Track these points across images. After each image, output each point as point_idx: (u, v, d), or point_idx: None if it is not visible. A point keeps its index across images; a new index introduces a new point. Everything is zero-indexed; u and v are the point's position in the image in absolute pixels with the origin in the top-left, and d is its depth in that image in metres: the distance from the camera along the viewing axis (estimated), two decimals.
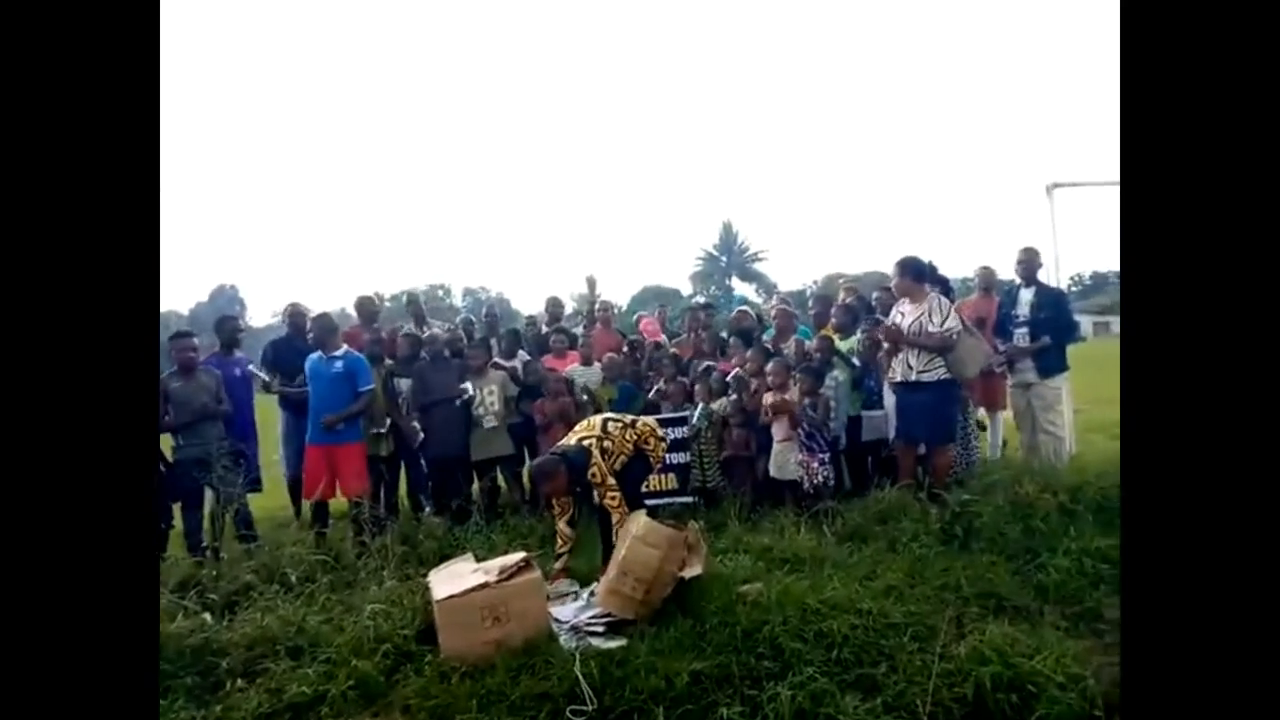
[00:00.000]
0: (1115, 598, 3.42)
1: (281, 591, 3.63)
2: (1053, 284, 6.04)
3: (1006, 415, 6.12)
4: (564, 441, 4.12)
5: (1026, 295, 5.56)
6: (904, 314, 4.82)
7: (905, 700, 2.75)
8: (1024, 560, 3.85)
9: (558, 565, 4.02)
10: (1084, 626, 3.35)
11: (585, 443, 3.97)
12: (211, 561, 4.15)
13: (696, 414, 5.32)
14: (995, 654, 2.93)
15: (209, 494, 4.75)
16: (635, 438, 4.17)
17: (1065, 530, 3.98)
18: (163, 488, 4.65)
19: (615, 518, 3.87)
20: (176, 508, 4.73)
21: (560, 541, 4.10)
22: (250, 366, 5.70)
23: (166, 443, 4.88)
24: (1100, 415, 7.81)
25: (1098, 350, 12.83)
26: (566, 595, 3.74)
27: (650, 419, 4.65)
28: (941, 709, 2.74)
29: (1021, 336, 5.49)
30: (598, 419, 4.24)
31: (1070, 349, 5.71)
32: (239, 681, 2.83)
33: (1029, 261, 5.60)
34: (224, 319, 6.00)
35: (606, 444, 4.02)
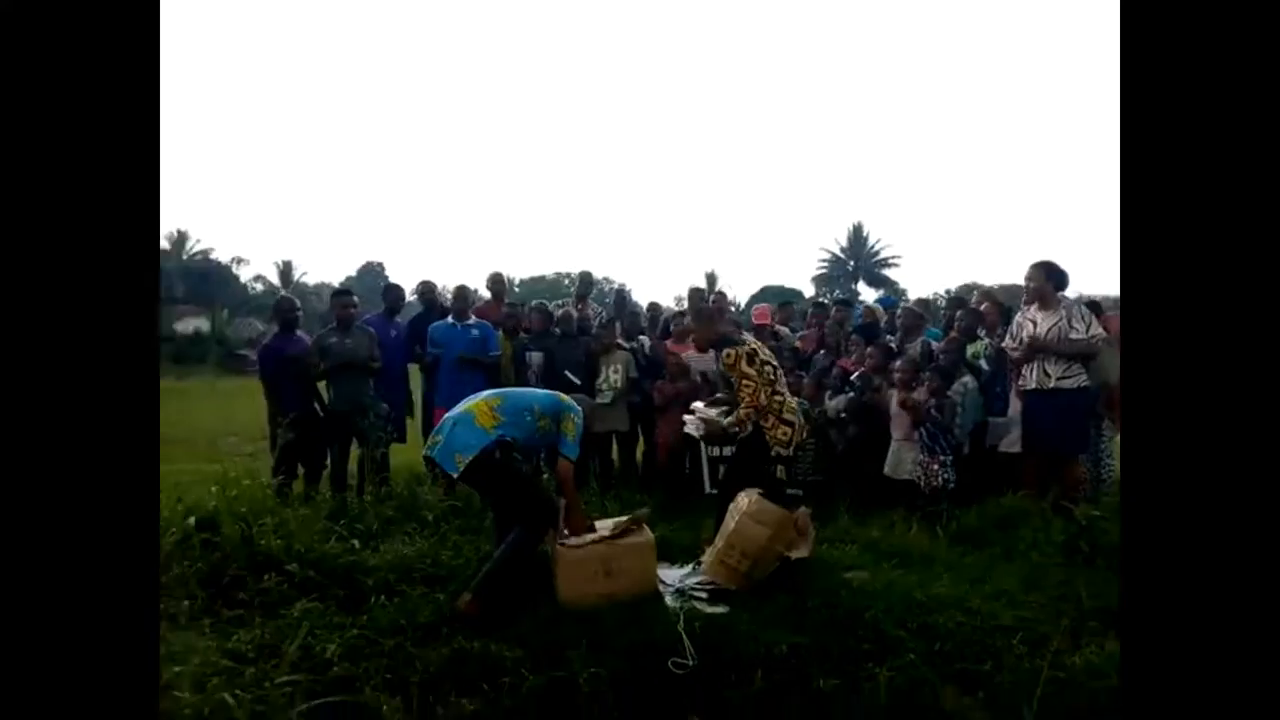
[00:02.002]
0: None
1: (418, 529, 4.02)
2: None
3: None
4: None
5: None
6: (1036, 320, 4.63)
7: (1009, 701, 2.70)
8: None
9: None
10: None
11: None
12: (356, 499, 4.63)
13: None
14: (1113, 670, 2.82)
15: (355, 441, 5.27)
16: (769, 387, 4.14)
17: None
18: (318, 429, 5.23)
19: (741, 414, 3.96)
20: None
21: None
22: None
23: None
24: None
25: None
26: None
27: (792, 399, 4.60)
28: (1048, 717, 2.68)
29: None
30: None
31: None
32: (381, 598, 3.18)
33: None
34: (390, 287, 6.58)
35: (758, 360, 4.06)
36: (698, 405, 4.73)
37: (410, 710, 2.44)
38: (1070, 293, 5.15)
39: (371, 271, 60.70)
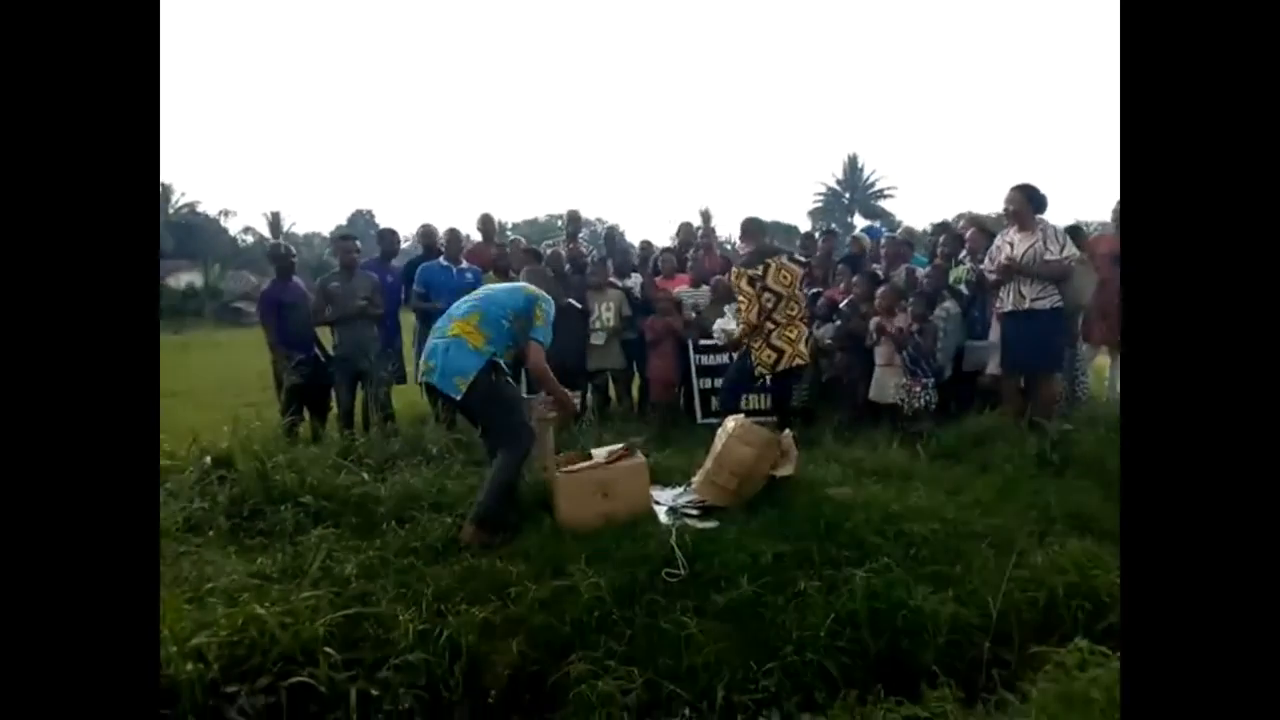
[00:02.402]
0: None
1: (423, 462, 4.22)
2: None
3: None
4: None
5: None
6: (1013, 243, 4.74)
7: (977, 598, 2.92)
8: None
9: None
10: None
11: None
12: (365, 435, 4.83)
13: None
14: (1073, 566, 3.04)
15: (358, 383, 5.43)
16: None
17: None
18: (325, 373, 5.40)
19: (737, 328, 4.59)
20: (332, 394, 5.50)
21: None
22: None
23: (326, 336, 5.62)
24: None
25: None
26: None
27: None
28: (1013, 609, 2.91)
29: None
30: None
31: None
32: (392, 523, 3.40)
33: None
34: (385, 231, 6.65)
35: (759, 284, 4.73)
36: (725, 315, 5.29)
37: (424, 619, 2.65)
38: (1065, 219, 5.26)
39: (362, 219, 59.96)
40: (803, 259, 5.27)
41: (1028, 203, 4.75)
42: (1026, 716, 2.26)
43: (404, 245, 6.97)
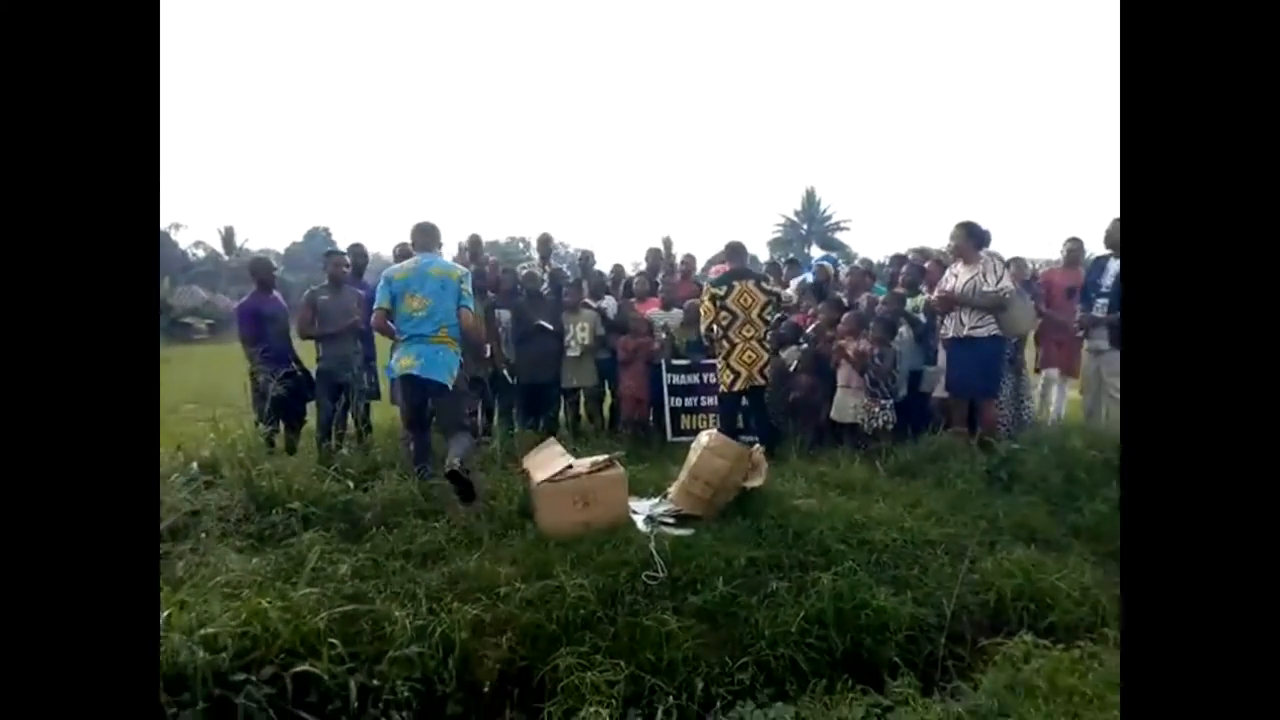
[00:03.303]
0: None
1: (404, 474, 4.32)
2: None
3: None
4: None
5: (1113, 266, 5.68)
6: (958, 275, 5.11)
7: (932, 599, 3.17)
8: (1062, 504, 4.15)
9: None
10: (1111, 563, 3.61)
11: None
12: (351, 445, 4.90)
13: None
14: (1020, 570, 3.32)
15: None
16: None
17: (1107, 481, 4.24)
18: (302, 385, 5.46)
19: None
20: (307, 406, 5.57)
21: None
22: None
23: (308, 348, 5.69)
24: None
25: None
26: None
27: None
28: (965, 609, 3.16)
29: (1101, 307, 5.64)
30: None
31: None
32: (380, 529, 3.50)
33: (1116, 234, 5.71)
34: (355, 246, 6.73)
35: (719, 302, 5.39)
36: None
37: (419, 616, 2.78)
38: (1023, 254, 5.71)
39: (318, 236, 58.98)
40: (770, 288, 5.56)
41: (968, 238, 5.14)
42: (978, 703, 2.51)
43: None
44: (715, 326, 5.40)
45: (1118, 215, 5.75)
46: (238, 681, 2.30)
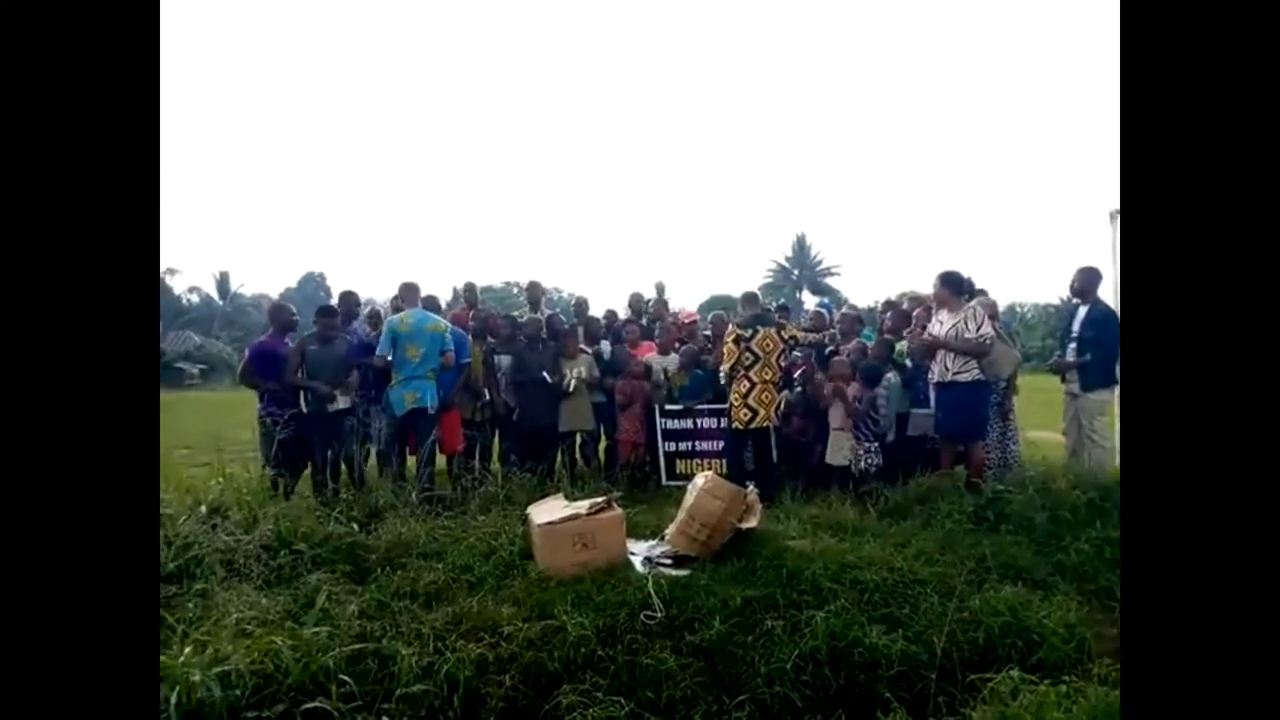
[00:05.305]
0: None
1: (406, 514, 4.41)
2: (1112, 305, 6.34)
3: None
4: None
5: (1081, 312, 5.92)
6: (942, 322, 5.34)
7: (923, 637, 3.26)
8: (1048, 543, 4.27)
9: None
10: (1096, 601, 3.73)
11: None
12: (353, 490, 4.99)
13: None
14: (1007, 609, 3.41)
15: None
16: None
17: (1091, 521, 4.36)
18: (304, 430, 5.56)
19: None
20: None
21: None
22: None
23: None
24: None
25: None
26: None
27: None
28: (955, 646, 3.25)
29: (1071, 351, 5.86)
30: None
31: None
32: (385, 570, 3.58)
33: (1083, 281, 5.95)
34: (348, 293, 6.92)
35: (743, 344, 5.74)
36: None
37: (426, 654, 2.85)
38: (1016, 298, 6.01)
39: (312, 281, 59.37)
40: (789, 334, 5.87)
41: (946, 287, 5.40)
42: None
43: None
44: (738, 366, 5.70)
45: (1085, 266, 6.02)
46: (252, 718, 2.37)
